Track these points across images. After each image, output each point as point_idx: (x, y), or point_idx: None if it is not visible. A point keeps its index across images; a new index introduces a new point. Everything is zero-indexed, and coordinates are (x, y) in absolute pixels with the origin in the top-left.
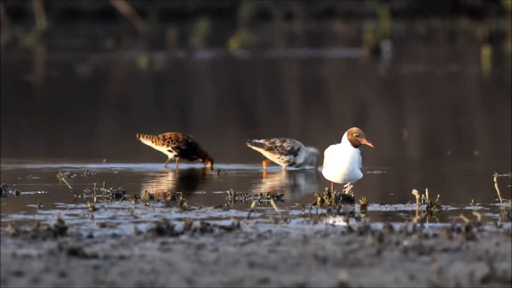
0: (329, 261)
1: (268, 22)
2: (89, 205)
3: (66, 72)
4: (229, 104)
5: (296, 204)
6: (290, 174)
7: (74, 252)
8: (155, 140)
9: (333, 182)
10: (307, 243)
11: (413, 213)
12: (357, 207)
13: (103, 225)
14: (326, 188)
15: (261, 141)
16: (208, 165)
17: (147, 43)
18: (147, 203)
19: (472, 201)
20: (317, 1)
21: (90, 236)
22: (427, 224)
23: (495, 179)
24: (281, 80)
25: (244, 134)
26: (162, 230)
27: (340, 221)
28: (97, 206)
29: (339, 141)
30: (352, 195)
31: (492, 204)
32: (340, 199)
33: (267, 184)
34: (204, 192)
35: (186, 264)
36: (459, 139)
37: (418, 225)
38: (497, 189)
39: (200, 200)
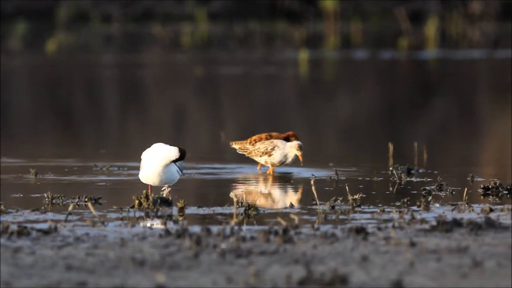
0: (146, 264)
1: (86, 24)
2: None
3: None
4: (46, 108)
5: (114, 207)
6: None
7: None
8: (244, 145)
9: (150, 185)
10: (124, 246)
11: (230, 216)
12: (175, 210)
13: None
14: (144, 191)
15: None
16: (299, 153)
17: None
18: None
19: (290, 203)
20: (135, 4)
21: None
22: (244, 227)
23: (312, 181)
24: (99, 83)
25: (62, 137)
26: None
27: (158, 224)
28: None
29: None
30: (170, 198)
31: (309, 206)
32: (158, 202)
33: (86, 187)
34: (21, 195)
35: (3, 267)
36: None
37: (236, 228)
38: (315, 192)
39: (17, 203)
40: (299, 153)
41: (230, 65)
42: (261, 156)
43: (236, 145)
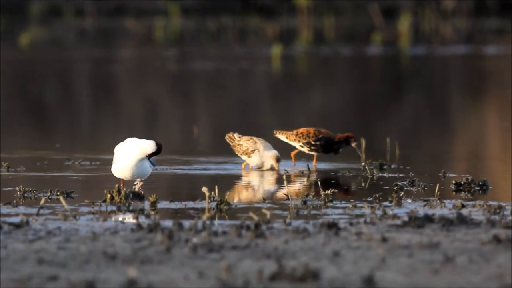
0: (118, 258)
1: (59, 18)
2: None
3: None
4: (19, 102)
5: (86, 201)
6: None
7: None
8: (289, 136)
9: (123, 179)
10: (96, 240)
11: (202, 210)
12: (147, 204)
13: None
14: (116, 185)
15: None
16: (353, 144)
17: None
18: None
19: (262, 198)
20: None
21: None
22: (216, 222)
23: (284, 176)
24: (72, 77)
25: (34, 131)
26: None
27: (130, 218)
28: None
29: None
30: (142, 192)
31: (281, 201)
32: (130, 196)
33: (58, 181)
34: None
35: None
36: (250, 135)
37: (208, 222)
38: (287, 187)
39: None
40: (276, 165)
41: (203, 60)
42: (241, 154)
43: (280, 135)
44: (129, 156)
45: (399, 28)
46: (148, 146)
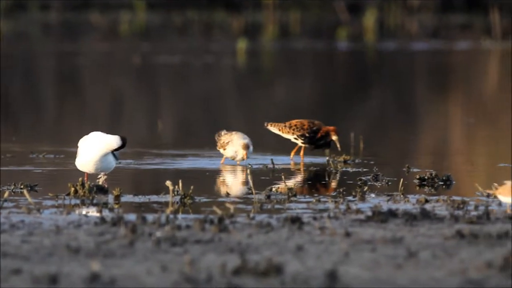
0: (81, 251)
1: (24, 12)
2: None
3: None
4: None
5: (50, 194)
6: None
7: None
8: (282, 128)
9: (87, 173)
10: (59, 233)
11: (166, 204)
12: (110, 198)
13: None
14: (80, 179)
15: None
16: (243, 151)
17: None
18: None
19: (226, 192)
20: None
21: None
22: (180, 216)
23: (248, 171)
24: (37, 71)
25: None
26: None
27: (93, 212)
28: None
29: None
30: (106, 186)
31: (245, 196)
32: (94, 190)
33: (22, 174)
34: None
35: None
36: (214, 130)
37: (171, 216)
38: (251, 181)
39: None
40: (243, 152)
41: (168, 54)
42: (219, 148)
43: (272, 127)
44: (94, 150)
45: (365, 24)
46: (114, 141)
